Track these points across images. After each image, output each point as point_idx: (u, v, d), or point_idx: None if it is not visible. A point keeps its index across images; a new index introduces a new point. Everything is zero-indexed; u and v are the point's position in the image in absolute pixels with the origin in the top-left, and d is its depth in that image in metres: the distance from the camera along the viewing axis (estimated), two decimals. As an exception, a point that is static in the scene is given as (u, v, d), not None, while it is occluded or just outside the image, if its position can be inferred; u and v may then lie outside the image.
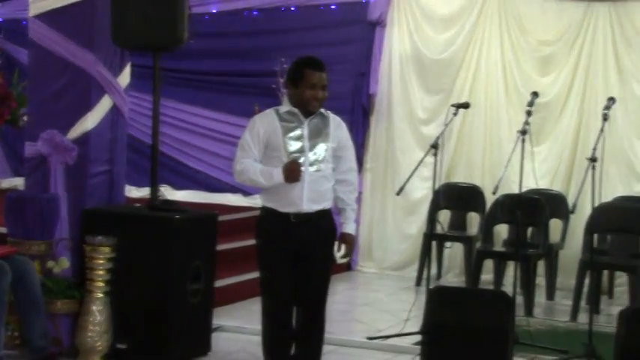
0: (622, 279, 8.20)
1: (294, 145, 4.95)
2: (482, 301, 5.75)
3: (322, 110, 5.05)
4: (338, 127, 5.11)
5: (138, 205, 6.57)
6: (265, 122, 5.02)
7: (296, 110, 4.99)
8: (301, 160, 4.92)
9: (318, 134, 5.01)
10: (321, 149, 4.99)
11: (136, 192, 9.38)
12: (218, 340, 6.24)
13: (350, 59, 9.46)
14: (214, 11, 10.07)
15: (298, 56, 5.10)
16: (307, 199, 4.94)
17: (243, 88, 9.89)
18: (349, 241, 5.13)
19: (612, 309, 7.61)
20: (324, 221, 5.05)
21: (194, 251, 5.92)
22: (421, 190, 9.08)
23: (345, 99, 9.24)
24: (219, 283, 6.85)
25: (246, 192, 9.51)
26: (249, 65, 9.86)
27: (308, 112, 4.98)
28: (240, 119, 9.19)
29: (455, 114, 7.00)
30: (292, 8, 9.80)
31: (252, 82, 9.74)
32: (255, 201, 8.10)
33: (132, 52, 6.33)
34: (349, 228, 5.13)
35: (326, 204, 5.05)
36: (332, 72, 5.15)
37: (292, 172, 4.88)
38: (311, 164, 4.95)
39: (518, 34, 9.08)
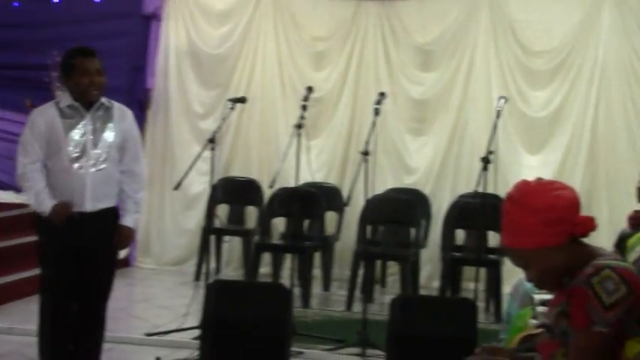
0: (394, 268, 8.50)
1: (76, 146, 4.85)
2: (260, 294, 5.82)
3: (105, 100, 4.97)
4: (123, 117, 5.04)
5: None
6: (45, 118, 4.90)
7: (77, 104, 4.89)
8: (82, 161, 4.84)
9: (102, 128, 4.93)
10: (104, 145, 4.92)
11: None
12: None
13: (124, 53, 9.29)
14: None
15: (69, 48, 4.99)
16: (90, 198, 4.89)
17: (13, 82, 9.51)
18: (125, 233, 5.08)
19: (385, 298, 7.87)
20: (109, 218, 4.99)
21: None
22: (199, 185, 9.08)
23: (120, 93, 9.01)
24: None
25: (18, 189, 9.16)
26: (18, 58, 9.49)
27: (89, 104, 4.89)
28: (11, 114, 8.85)
29: (232, 108, 7.03)
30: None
31: (23, 75, 9.38)
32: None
33: None
34: (127, 220, 5.09)
35: (111, 202, 4.99)
36: (106, 66, 5.05)
37: (58, 215, 4.85)
38: (94, 164, 4.88)
39: (293, 30, 9.23)
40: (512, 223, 3.00)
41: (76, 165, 4.87)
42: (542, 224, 2.93)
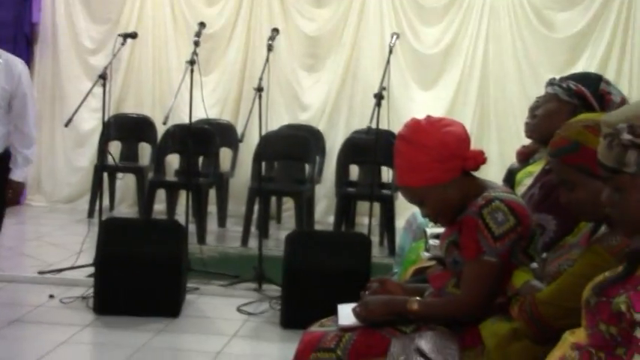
0: (289, 204, 8.56)
1: None
2: (155, 231, 5.80)
3: None
4: (11, 69, 4.94)
5: None
6: None
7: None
8: None
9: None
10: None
11: None
12: None
13: (10, -14, 9.02)
14: None
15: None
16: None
17: None
18: (14, 188, 5.08)
19: (280, 233, 7.92)
20: None
21: None
22: (91, 122, 8.94)
23: (6, 27, 8.82)
24: None
25: None
26: None
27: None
28: None
29: (123, 44, 6.89)
30: None
31: None
32: None
33: None
34: (16, 174, 5.08)
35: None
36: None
37: None
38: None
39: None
40: (406, 163, 3.05)
41: None
42: (434, 161, 2.99)
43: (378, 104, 6.13)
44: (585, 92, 3.31)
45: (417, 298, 3.07)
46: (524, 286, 2.76)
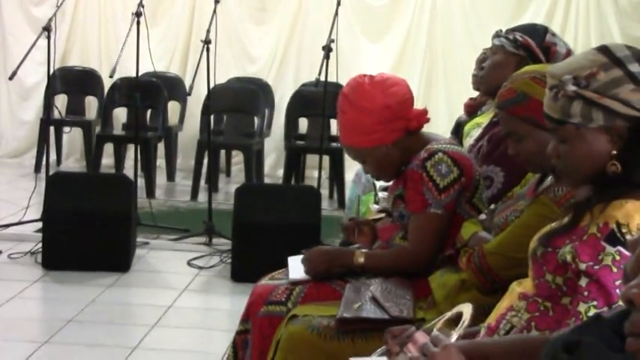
0: (238, 158, 8.53)
1: None
2: (103, 186, 5.76)
3: None
4: None
5: None
6: None
7: None
8: None
9: None
10: None
11: None
12: None
13: None
14: None
15: None
16: None
17: None
18: None
19: (230, 187, 7.91)
20: None
21: None
22: (36, 75, 8.78)
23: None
24: None
25: None
26: None
27: None
28: None
29: (68, -5, 6.80)
30: None
31: None
32: None
33: None
34: None
35: None
36: None
37: None
38: None
39: None
40: (349, 123, 3.07)
41: None
42: (378, 124, 3.01)
43: (327, 57, 6.11)
44: (531, 44, 3.33)
45: (364, 250, 3.10)
46: (472, 237, 2.79)
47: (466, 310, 2.14)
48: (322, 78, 6.06)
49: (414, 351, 1.92)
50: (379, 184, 3.96)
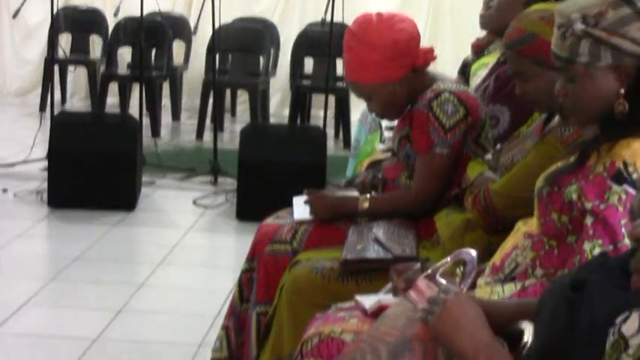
0: (244, 97, 8.50)
1: None
2: (108, 125, 5.77)
3: None
4: None
5: None
6: None
7: None
8: None
9: None
10: None
11: None
12: None
13: None
14: None
15: None
16: None
17: None
18: None
19: (235, 127, 7.90)
20: None
21: None
22: (39, 14, 8.72)
23: None
24: None
25: None
26: None
27: None
28: None
29: None
30: None
31: None
32: None
33: None
34: None
35: None
36: None
37: None
38: None
39: None
40: (355, 59, 3.05)
41: None
42: (385, 60, 2.99)
43: (333, -4, 6.06)
44: (540, -18, 3.29)
45: (368, 195, 3.09)
46: (478, 177, 2.79)
47: (469, 258, 2.12)
48: (328, 18, 6.02)
49: (416, 297, 1.91)
50: (385, 123, 3.95)
